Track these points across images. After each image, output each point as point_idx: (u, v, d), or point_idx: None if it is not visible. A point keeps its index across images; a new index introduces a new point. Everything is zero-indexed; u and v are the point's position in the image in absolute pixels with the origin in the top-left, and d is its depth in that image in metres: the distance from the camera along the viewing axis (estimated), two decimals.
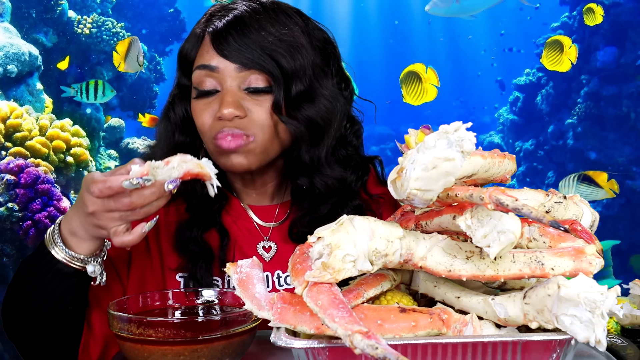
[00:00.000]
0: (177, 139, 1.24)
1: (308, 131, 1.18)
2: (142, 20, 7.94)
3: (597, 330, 0.73)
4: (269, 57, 1.14)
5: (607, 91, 6.83)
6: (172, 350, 0.90)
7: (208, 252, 1.23)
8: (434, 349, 0.78)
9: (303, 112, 1.17)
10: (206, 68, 1.16)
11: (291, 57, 1.15)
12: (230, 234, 1.27)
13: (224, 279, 1.25)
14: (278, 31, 1.16)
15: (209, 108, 1.17)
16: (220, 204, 1.27)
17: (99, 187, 0.94)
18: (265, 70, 1.14)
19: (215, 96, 1.17)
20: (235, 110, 1.13)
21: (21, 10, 5.61)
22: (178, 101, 1.25)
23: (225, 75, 1.15)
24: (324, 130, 1.19)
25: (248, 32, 1.15)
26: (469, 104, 14.40)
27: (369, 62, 15.36)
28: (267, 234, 1.30)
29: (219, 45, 1.15)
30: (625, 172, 6.64)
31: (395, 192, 0.80)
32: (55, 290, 1.06)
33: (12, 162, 4.11)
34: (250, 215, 1.30)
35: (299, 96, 1.16)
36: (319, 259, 0.78)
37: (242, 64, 1.14)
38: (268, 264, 1.27)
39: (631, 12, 6.66)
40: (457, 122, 0.75)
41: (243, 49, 1.14)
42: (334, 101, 1.21)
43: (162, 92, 7.31)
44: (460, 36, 13.66)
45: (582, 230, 0.85)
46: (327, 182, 1.22)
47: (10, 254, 4.20)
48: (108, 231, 0.98)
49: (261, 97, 1.16)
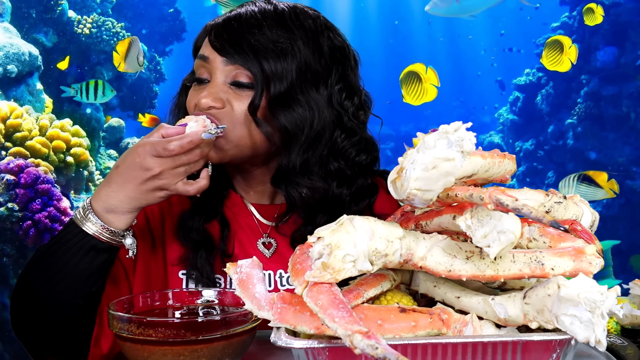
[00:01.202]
0: None
1: (280, 136, 1.20)
2: (142, 20, 7.94)
3: (597, 330, 0.73)
4: (254, 57, 1.17)
5: (607, 91, 6.83)
6: (172, 350, 0.90)
7: (209, 241, 1.25)
8: (434, 349, 0.78)
9: (277, 116, 1.18)
10: (201, 58, 1.23)
11: (276, 61, 1.17)
12: (231, 227, 1.29)
13: (226, 276, 1.26)
14: (275, 35, 1.19)
15: (195, 95, 1.22)
16: (221, 195, 1.30)
17: (179, 143, 1.04)
18: (247, 68, 1.18)
19: (205, 85, 1.22)
20: (212, 101, 1.18)
21: (21, 10, 5.61)
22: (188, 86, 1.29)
23: (214, 67, 1.20)
24: (292, 138, 1.19)
25: (241, 30, 1.19)
26: (469, 104, 14.40)
27: (369, 62, 15.31)
28: (267, 231, 1.31)
29: (213, 37, 1.21)
30: (625, 172, 6.64)
31: (395, 192, 0.80)
32: (85, 269, 1.07)
33: (12, 162, 4.11)
34: (251, 210, 1.32)
35: (275, 100, 1.18)
36: (319, 259, 0.78)
37: (227, 58, 1.19)
38: (269, 261, 1.28)
39: (631, 12, 6.66)
40: (457, 122, 0.75)
41: (232, 45, 1.19)
42: (314, 110, 1.20)
43: (162, 92, 7.32)
44: (460, 36, 13.67)
45: (582, 230, 0.85)
46: (300, 192, 1.21)
47: (10, 254, 4.20)
48: (170, 189, 1.07)
49: (243, 92, 1.19)
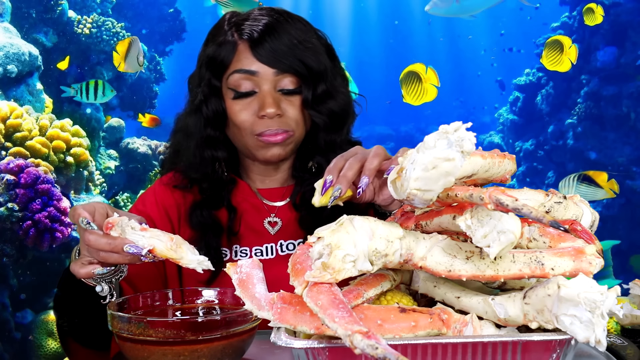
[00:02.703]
0: (208, 132, 1.37)
1: (330, 121, 1.36)
2: (142, 20, 7.94)
3: (597, 330, 0.73)
4: (301, 62, 1.31)
5: (607, 91, 6.83)
6: (172, 350, 0.90)
7: (217, 225, 1.38)
8: (434, 349, 0.78)
9: (327, 106, 1.35)
10: (245, 72, 1.31)
11: (317, 60, 1.32)
12: (238, 210, 1.42)
13: (232, 249, 1.40)
14: (302, 38, 1.33)
15: (249, 107, 1.32)
16: (228, 188, 1.42)
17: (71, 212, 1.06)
18: (298, 73, 1.31)
19: (253, 97, 1.32)
20: (277, 109, 1.30)
21: (21, 10, 5.61)
22: (211, 98, 1.36)
23: (263, 79, 1.31)
24: (344, 120, 1.39)
25: (281, 40, 1.31)
26: (469, 104, 14.41)
27: (369, 62, 15.36)
28: (274, 211, 1.44)
29: (258, 52, 1.30)
30: (625, 172, 6.64)
31: (395, 192, 0.80)
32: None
33: (12, 162, 4.11)
34: (258, 196, 1.45)
35: (324, 93, 1.34)
36: (319, 259, 0.78)
37: (279, 69, 1.30)
38: (272, 237, 1.41)
39: (631, 12, 6.66)
40: (457, 122, 0.75)
41: (279, 56, 1.30)
42: (348, 95, 1.41)
43: (162, 92, 7.32)
44: (460, 36, 13.68)
45: (582, 230, 0.85)
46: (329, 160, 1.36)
47: (10, 254, 4.20)
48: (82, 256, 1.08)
49: (293, 97, 1.34)
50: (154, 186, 1.46)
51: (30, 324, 4.41)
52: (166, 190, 1.43)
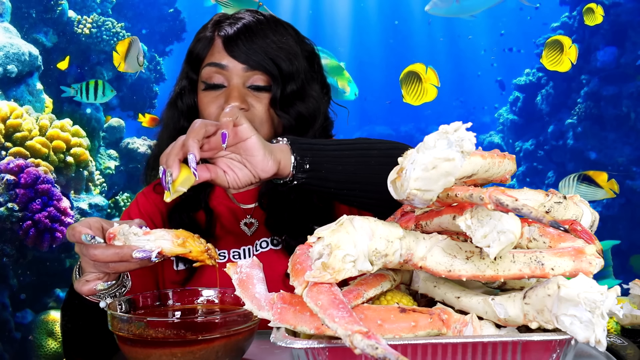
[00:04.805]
0: (182, 124, 1.41)
1: (297, 124, 1.37)
2: (142, 20, 7.95)
3: (597, 330, 0.73)
4: (271, 61, 1.33)
5: (607, 91, 6.83)
6: (172, 350, 0.90)
7: (195, 227, 1.40)
8: (434, 349, 0.78)
9: (295, 108, 1.36)
10: (216, 65, 1.34)
11: (289, 61, 1.35)
12: (215, 214, 1.45)
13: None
14: (278, 40, 1.36)
15: (216, 100, 1.34)
16: (206, 192, 1.45)
17: (69, 232, 1.04)
18: (267, 71, 1.33)
19: (221, 90, 1.35)
20: (241, 104, 1.31)
21: (21, 10, 5.61)
22: (187, 92, 1.41)
23: (233, 74, 1.34)
24: (310, 124, 1.39)
25: (254, 39, 1.34)
26: (469, 104, 14.42)
27: (369, 62, 15.36)
28: (250, 212, 1.46)
29: (230, 47, 1.33)
30: (625, 172, 6.64)
31: (395, 192, 0.80)
32: None
33: (12, 162, 4.11)
34: (233, 200, 1.47)
35: (293, 94, 1.36)
36: (319, 259, 0.78)
37: (248, 65, 1.33)
38: (250, 238, 1.44)
39: (631, 12, 6.66)
40: (457, 122, 0.75)
41: (250, 53, 1.33)
42: (319, 101, 1.42)
43: (162, 92, 7.32)
44: (460, 36, 13.69)
45: (582, 230, 0.85)
46: None
47: (10, 254, 4.20)
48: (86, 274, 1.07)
49: (261, 94, 1.35)
50: (136, 199, 1.51)
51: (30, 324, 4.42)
52: (147, 200, 1.49)
